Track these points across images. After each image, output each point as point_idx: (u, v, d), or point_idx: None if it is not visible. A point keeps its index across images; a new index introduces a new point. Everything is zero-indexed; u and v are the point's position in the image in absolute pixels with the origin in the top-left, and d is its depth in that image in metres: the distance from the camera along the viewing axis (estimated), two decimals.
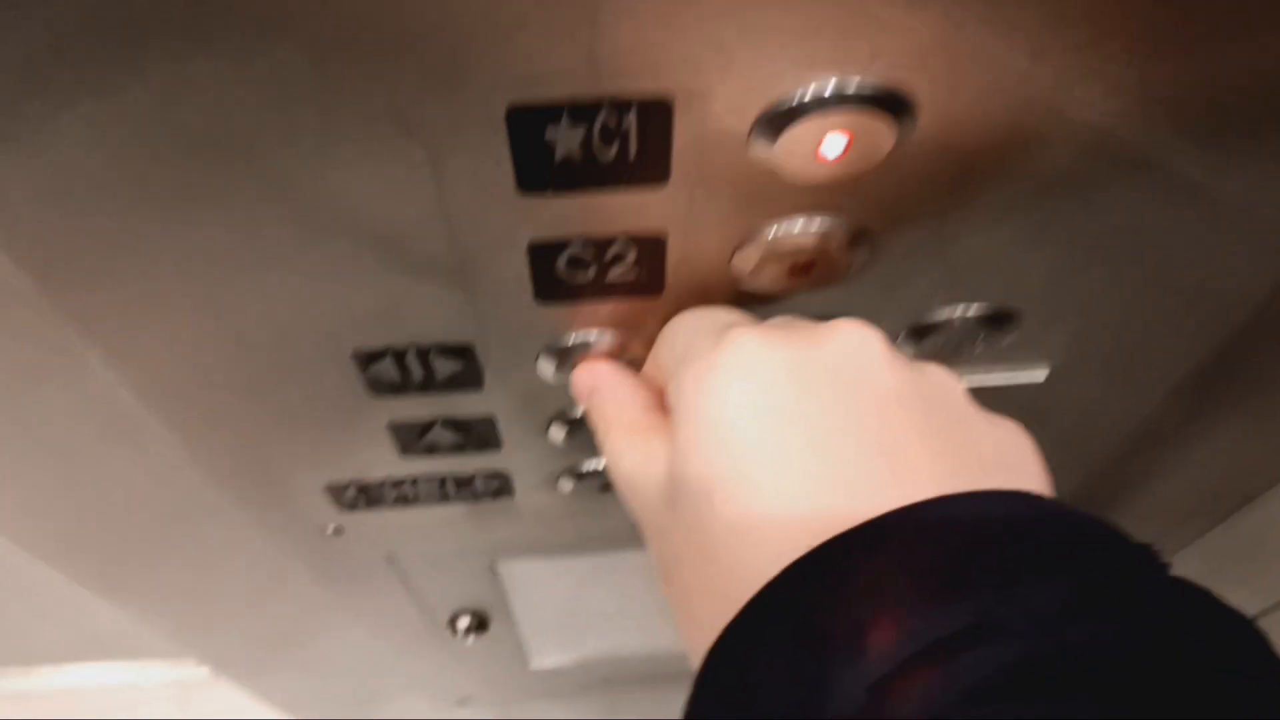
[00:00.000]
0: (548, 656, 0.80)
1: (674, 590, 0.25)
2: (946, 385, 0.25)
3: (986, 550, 0.19)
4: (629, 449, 0.28)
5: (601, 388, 0.31)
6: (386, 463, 0.40)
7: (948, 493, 0.21)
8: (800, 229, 0.27)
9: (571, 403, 0.37)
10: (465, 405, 0.36)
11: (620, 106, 0.23)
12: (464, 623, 0.66)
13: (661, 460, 0.26)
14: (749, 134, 0.24)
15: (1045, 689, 0.17)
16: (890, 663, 0.17)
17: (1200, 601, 0.20)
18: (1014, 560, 0.19)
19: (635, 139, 0.24)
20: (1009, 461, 0.24)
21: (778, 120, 0.23)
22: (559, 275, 0.29)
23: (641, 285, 0.30)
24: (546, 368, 0.34)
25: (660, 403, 0.30)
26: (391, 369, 0.32)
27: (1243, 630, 0.20)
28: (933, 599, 0.18)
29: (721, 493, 0.23)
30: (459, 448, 0.39)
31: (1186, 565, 0.60)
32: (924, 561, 0.19)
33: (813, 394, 0.23)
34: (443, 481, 0.42)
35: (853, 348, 0.24)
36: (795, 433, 0.23)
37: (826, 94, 0.22)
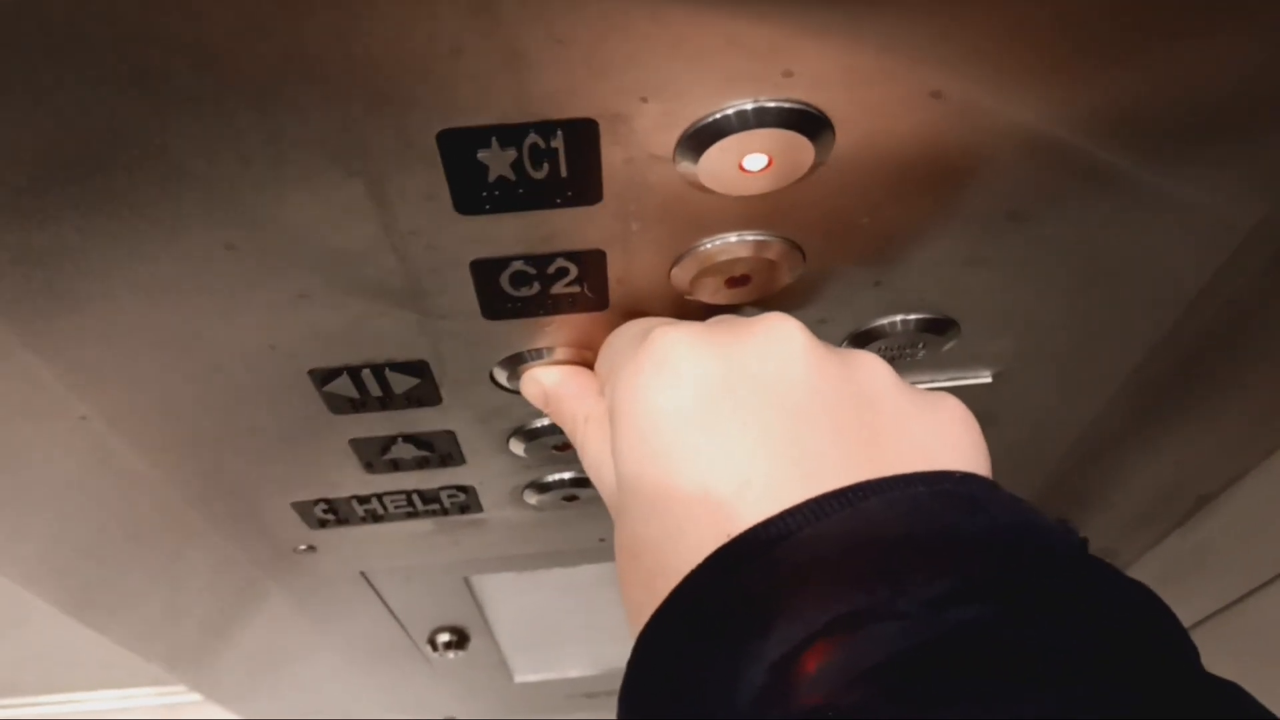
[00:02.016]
0: (531, 671, 0.81)
1: (621, 583, 0.26)
2: (873, 372, 0.25)
3: (884, 539, 0.20)
4: (590, 439, 0.29)
5: (552, 391, 0.33)
6: (352, 480, 0.41)
7: (856, 482, 0.22)
8: (733, 243, 0.28)
9: (530, 416, 0.38)
10: (425, 421, 0.37)
11: (546, 129, 0.24)
12: (444, 639, 0.67)
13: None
14: (674, 154, 0.25)
15: (930, 672, 0.17)
16: (788, 646, 0.18)
17: (1104, 577, 0.21)
18: (912, 547, 0.20)
19: (565, 160, 0.25)
20: (938, 443, 0.24)
21: (698, 141, 0.24)
22: (504, 292, 0.30)
23: (586, 300, 0.31)
24: (502, 383, 0.35)
25: None
26: (348, 386, 0.33)
27: (1144, 601, 0.20)
28: (828, 588, 0.19)
29: (645, 490, 0.24)
30: (423, 463, 0.40)
31: (1148, 569, 0.61)
32: (823, 554, 0.20)
33: (729, 390, 0.24)
34: (409, 497, 0.43)
35: (774, 341, 0.25)
36: (710, 430, 0.24)
37: (742, 115, 0.24)
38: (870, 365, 0.26)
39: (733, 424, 0.23)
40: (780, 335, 0.25)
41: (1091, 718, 0.16)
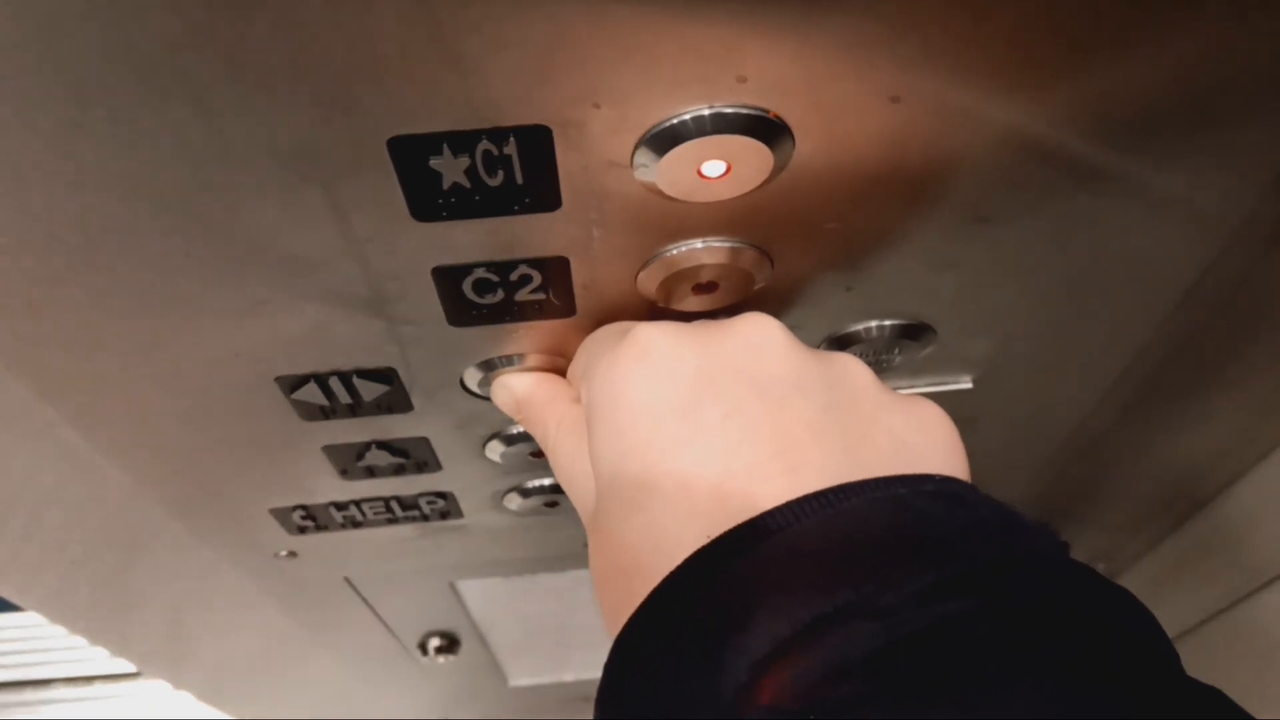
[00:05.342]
0: (525, 675, 0.80)
1: (595, 584, 0.26)
2: (852, 373, 0.25)
3: (868, 537, 0.20)
4: (562, 445, 0.29)
5: (523, 398, 0.32)
6: (328, 486, 0.41)
7: (838, 483, 0.21)
8: (698, 249, 0.28)
9: (506, 422, 0.38)
10: (397, 427, 0.37)
11: (498, 136, 0.23)
12: (434, 644, 0.66)
13: (588, 456, 0.27)
14: (631, 160, 0.25)
15: (915, 668, 0.17)
16: (771, 643, 0.18)
17: (1086, 579, 0.20)
18: (895, 544, 0.20)
19: (519, 167, 0.24)
20: (918, 444, 0.24)
21: (655, 147, 0.24)
22: (468, 299, 0.29)
23: (553, 307, 0.30)
24: (474, 390, 0.34)
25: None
26: (317, 393, 0.33)
27: (1126, 604, 0.20)
28: (812, 585, 0.19)
29: (624, 487, 0.24)
30: (399, 470, 0.40)
31: (1142, 574, 0.60)
32: (807, 551, 0.20)
33: (710, 382, 0.24)
34: (388, 504, 0.43)
35: (753, 339, 0.25)
36: (691, 422, 0.23)
37: (698, 121, 0.23)
38: (849, 365, 0.26)
39: (714, 416, 0.23)
40: (760, 331, 0.25)
41: (1078, 715, 0.16)
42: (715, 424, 0.23)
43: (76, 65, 0.21)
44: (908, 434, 0.24)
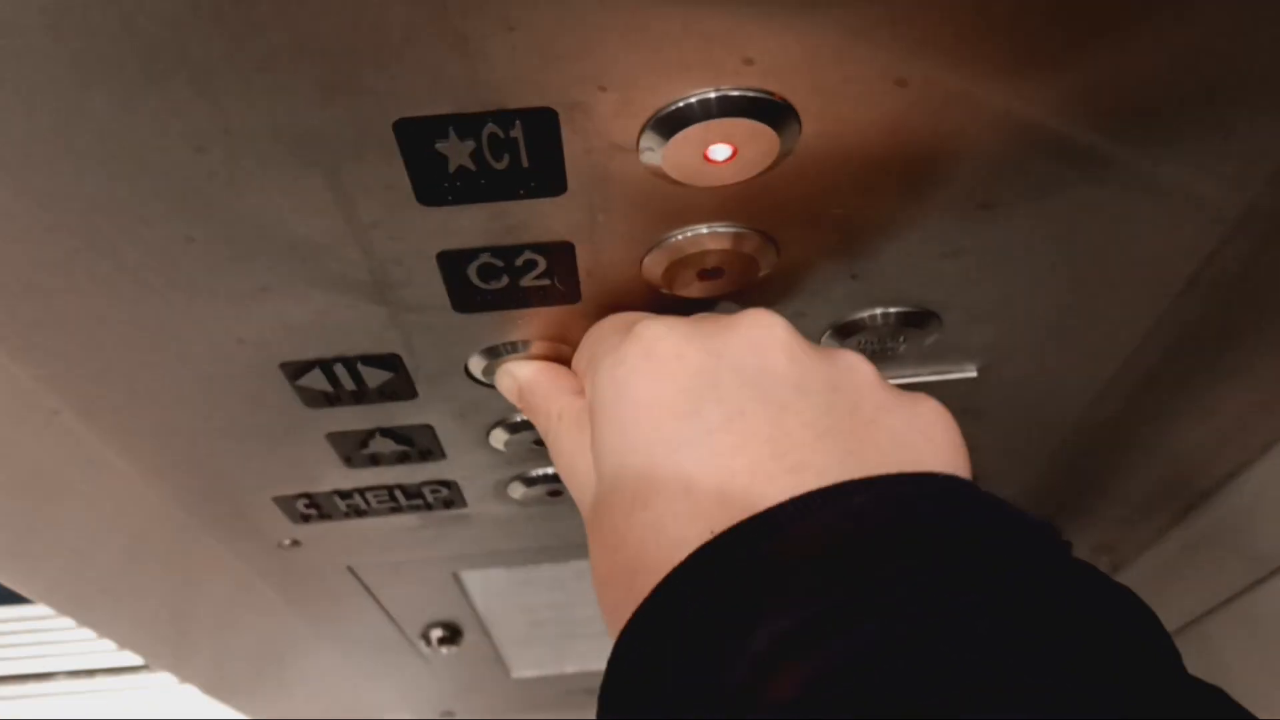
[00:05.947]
0: (528, 667, 0.81)
1: (595, 581, 0.26)
2: (855, 370, 0.25)
3: (870, 535, 0.20)
4: (564, 436, 0.29)
5: (526, 386, 0.32)
6: (332, 474, 0.41)
7: (839, 481, 0.21)
8: (703, 234, 0.28)
9: (510, 410, 0.38)
10: (401, 415, 0.37)
11: (504, 119, 0.23)
12: (437, 634, 0.66)
13: (590, 450, 0.27)
14: (637, 144, 0.24)
15: (915, 666, 0.17)
16: (774, 640, 0.18)
17: (1088, 578, 0.20)
18: (897, 543, 0.20)
19: (525, 150, 0.24)
20: (920, 442, 0.24)
21: (660, 130, 0.24)
22: (473, 285, 0.29)
23: (557, 293, 0.30)
24: (478, 377, 0.34)
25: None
26: (321, 380, 0.33)
27: (1128, 603, 0.20)
28: (815, 582, 0.19)
29: (627, 484, 0.24)
30: (402, 457, 0.40)
31: (1147, 565, 0.60)
32: (810, 549, 0.20)
33: (714, 382, 0.24)
34: (391, 492, 0.43)
35: (755, 337, 0.25)
36: (694, 422, 0.23)
37: (704, 103, 0.23)
38: (852, 363, 0.26)
39: (717, 416, 0.23)
40: (764, 329, 0.25)
41: (1078, 714, 0.16)
42: (717, 425, 0.23)
43: (79, 47, 0.21)
44: (909, 435, 0.24)
